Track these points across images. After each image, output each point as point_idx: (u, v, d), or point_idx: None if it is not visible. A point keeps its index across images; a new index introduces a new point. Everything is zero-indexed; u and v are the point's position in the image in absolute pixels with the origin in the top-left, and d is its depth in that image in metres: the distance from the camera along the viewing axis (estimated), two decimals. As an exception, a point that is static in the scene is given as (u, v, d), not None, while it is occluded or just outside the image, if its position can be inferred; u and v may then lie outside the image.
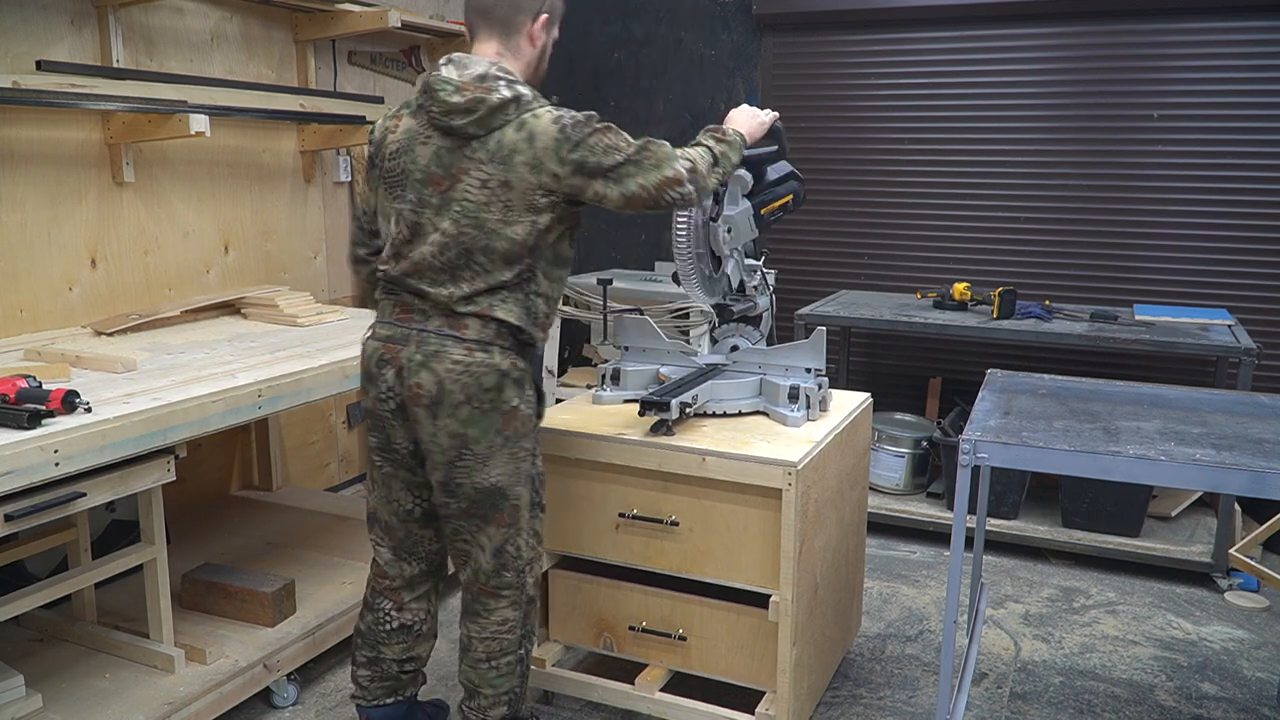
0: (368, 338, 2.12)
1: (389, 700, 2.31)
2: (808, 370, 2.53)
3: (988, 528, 3.60)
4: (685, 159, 2.06)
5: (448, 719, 2.54)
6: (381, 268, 2.10)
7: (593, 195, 2.00)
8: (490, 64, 1.99)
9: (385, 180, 2.07)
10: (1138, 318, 3.72)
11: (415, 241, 2.03)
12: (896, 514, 3.86)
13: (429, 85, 1.99)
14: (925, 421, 4.24)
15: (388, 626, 2.26)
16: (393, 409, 2.07)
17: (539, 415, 2.18)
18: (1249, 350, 3.26)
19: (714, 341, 2.74)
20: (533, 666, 2.55)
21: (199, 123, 2.88)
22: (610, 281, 4.04)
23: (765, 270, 2.74)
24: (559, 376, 4.72)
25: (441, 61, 2.02)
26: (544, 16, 2.07)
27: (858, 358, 4.69)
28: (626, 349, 2.73)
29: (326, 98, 3.73)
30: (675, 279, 2.55)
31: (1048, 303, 3.89)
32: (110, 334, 2.84)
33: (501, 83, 1.96)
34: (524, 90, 1.98)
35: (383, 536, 2.25)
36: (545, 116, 1.96)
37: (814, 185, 3.03)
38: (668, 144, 2.06)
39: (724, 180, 2.21)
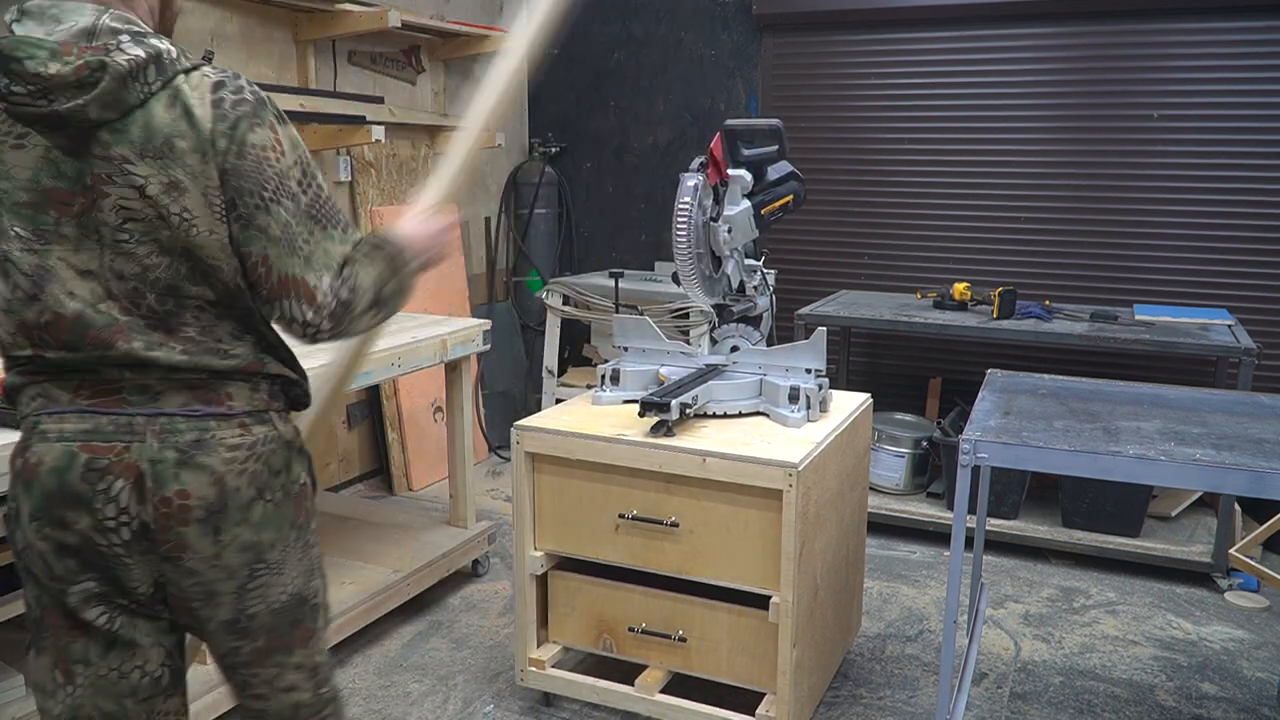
0: (30, 443, 1.37)
1: None
2: (808, 371, 2.53)
3: (988, 528, 3.60)
4: (348, 280, 1.39)
5: None
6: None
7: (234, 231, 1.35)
8: (96, 10, 1.30)
9: None
10: (1138, 318, 3.72)
11: (45, 295, 1.32)
12: (896, 514, 3.86)
13: (1, 53, 1.24)
14: (925, 421, 4.24)
15: None
16: (126, 539, 1.36)
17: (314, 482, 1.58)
18: (1249, 350, 3.26)
19: (714, 342, 2.74)
20: (531, 668, 2.56)
21: (199, 123, 2.88)
22: (622, 274, 4.06)
23: (765, 270, 2.74)
24: (559, 376, 4.72)
25: (9, 17, 1.31)
26: None
27: (858, 358, 4.69)
28: (626, 349, 2.73)
29: (326, 98, 3.72)
30: (675, 279, 2.55)
31: (1048, 303, 3.89)
32: (110, 334, 2.83)
33: (124, 37, 1.29)
34: (162, 44, 1.31)
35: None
36: (201, 80, 1.33)
37: (814, 185, 3.03)
38: (346, 236, 1.42)
39: (371, 324, 1.50)
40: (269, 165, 1.34)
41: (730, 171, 2.50)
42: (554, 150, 5.16)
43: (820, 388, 2.52)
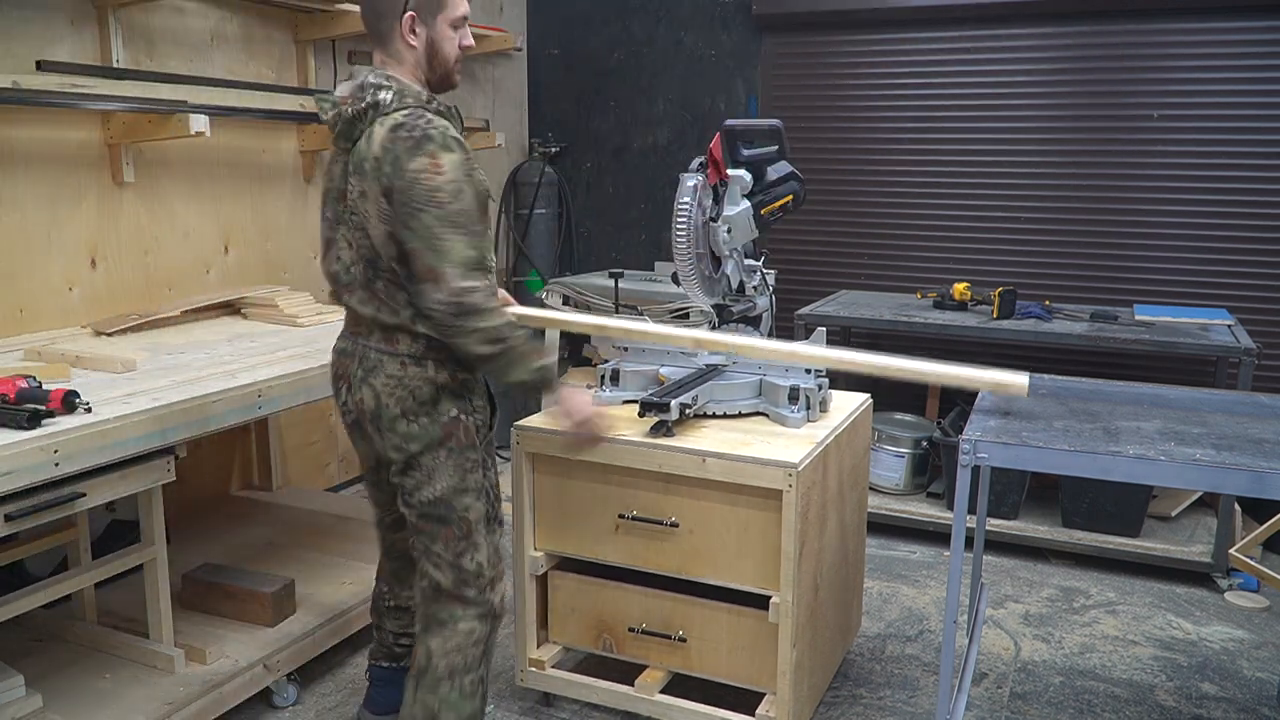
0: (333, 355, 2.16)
1: (385, 664, 2.41)
2: (808, 371, 2.53)
3: (988, 528, 3.59)
4: (478, 289, 1.87)
5: None
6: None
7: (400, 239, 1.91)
8: (373, 71, 1.97)
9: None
10: (1138, 318, 3.72)
11: (328, 257, 2.06)
12: (896, 514, 3.86)
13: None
14: (925, 421, 4.24)
15: (384, 604, 2.40)
16: (350, 423, 2.10)
17: (490, 425, 2.17)
18: (1249, 350, 3.25)
19: (714, 342, 2.73)
20: (531, 668, 2.56)
21: (199, 123, 2.88)
22: (621, 274, 4.06)
23: (765, 270, 2.74)
24: (559, 377, 4.72)
25: (342, 76, 2.06)
26: (407, 16, 1.95)
27: (858, 358, 4.68)
28: (626, 349, 2.73)
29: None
30: (675, 279, 2.55)
31: (1048, 303, 3.89)
32: (110, 334, 2.84)
33: (371, 90, 1.92)
34: (387, 96, 1.92)
35: (377, 533, 2.38)
36: (389, 121, 1.89)
37: (814, 185, 3.02)
38: (463, 250, 1.87)
39: (487, 359, 1.95)
40: (421, 184, 1.84)
41: (730, 171, 2.50)
42: (554, 150, 5.16)
43: (820, 388, 2.52)
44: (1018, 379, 2.17)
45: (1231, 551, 2.97)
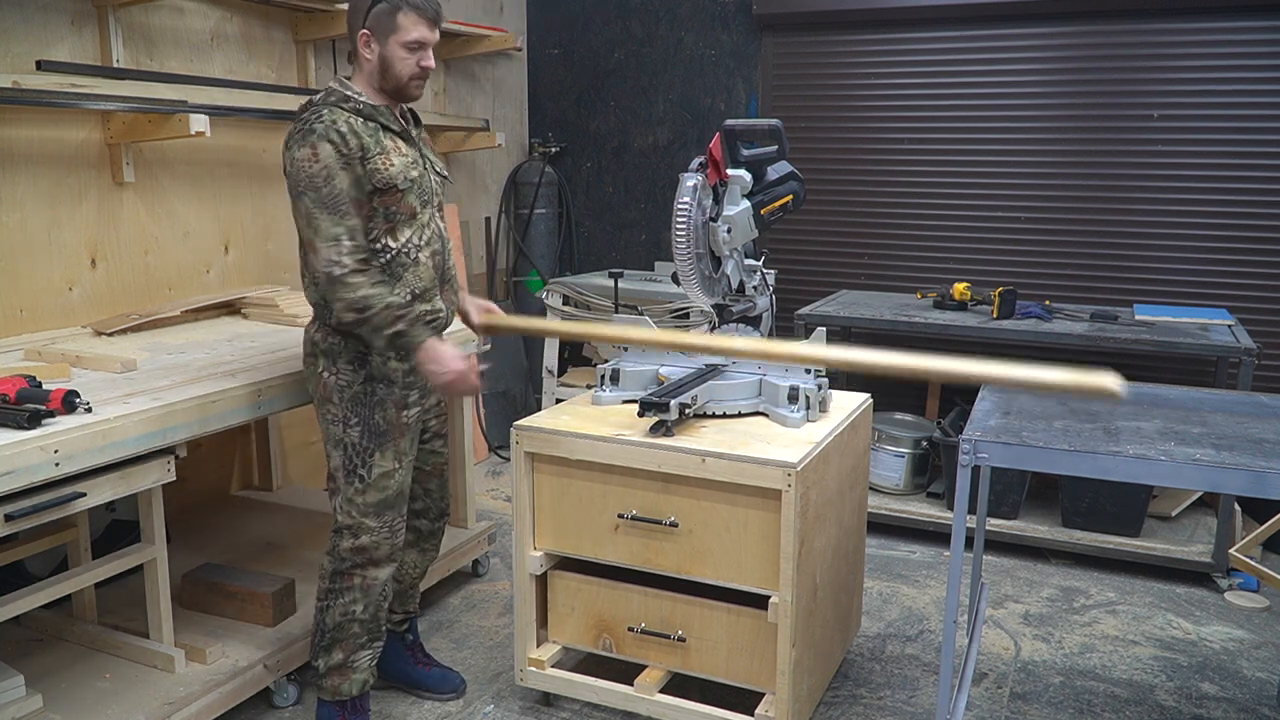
0: None
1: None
2: (807, 371, 2.53)
3: (988, 528, 3.60)
4: (341, 263, 2.14)
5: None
6: None
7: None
8: (335, 77, 2.29)
9: None
10: (1138, 318, 3.72)
11: None
12: (896, 514, 3.86)
13: None
14: (925, 421, 4.24)
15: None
16: None
17: (370, 391, 2.31)
18: (1249, 350, 3.25)
19: (714, 342, 2.73)
20: (531, 668, 2.56)
21: (199, 123, 2.88)
22: (621, 274, 4.06)
23: (765, 270, 2.74)
24: (559, 376, 4.72)
25: None
26: (362, 34, 2.22)
27: (858, 358, 4.68)
28: (626, 349, 2.73)
29: (326, 98, 3.72)
30: (675, 279, 2.55)
31: (1048, 303, 3.89)
32: (110, 334, 2.84)
33: (318, 97, 2.24)
34: (311, 108, 2.20)
35: None
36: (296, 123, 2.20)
37: (814, 185, 3.03)
38: (331, 228, 2.14)
39: (352, 324, 2.19)
40: (303, 170, 2.14)
41: (730, 171, 2.50)
42: (554, 150, 5.16)
43: (820, 388, 2.52)
44: (1106, 381, 1.76)
45: (1231, 551, 2.97)
